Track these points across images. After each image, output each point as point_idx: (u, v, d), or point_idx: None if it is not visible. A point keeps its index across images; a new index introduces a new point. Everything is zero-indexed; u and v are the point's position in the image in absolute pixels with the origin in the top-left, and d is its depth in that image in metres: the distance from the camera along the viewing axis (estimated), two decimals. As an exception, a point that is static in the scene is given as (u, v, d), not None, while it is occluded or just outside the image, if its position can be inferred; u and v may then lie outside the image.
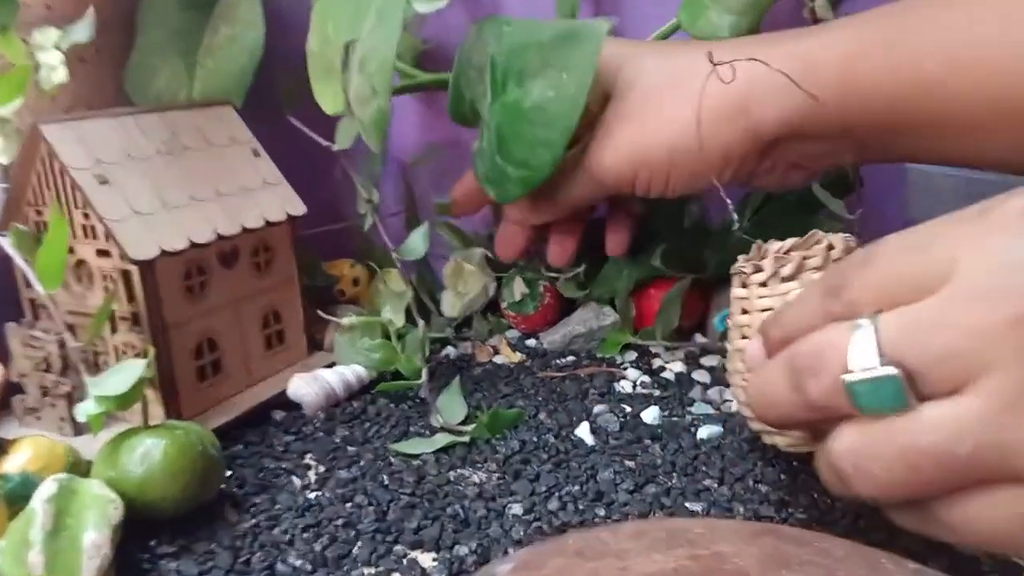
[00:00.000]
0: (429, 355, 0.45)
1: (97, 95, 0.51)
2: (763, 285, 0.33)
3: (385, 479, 0.37)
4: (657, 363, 0.48)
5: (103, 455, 0.32)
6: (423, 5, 0.50)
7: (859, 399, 0.23)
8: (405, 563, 0.31)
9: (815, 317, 0.25)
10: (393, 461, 0.38)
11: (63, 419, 0.39)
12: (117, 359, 0.39)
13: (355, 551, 0.32)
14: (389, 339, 0.46)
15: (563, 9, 0.50)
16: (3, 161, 0.39)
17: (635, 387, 0.45)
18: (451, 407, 0.42)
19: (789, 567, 0.22)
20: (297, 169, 0.49)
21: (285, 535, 0.33)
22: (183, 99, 0.51)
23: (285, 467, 0.38)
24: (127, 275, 0.38)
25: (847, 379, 0.23)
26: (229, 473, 0.38)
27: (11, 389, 0.41)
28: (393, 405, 0.44)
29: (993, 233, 0.22)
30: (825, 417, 0.24)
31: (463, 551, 0.31)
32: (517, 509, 0.34)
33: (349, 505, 0.35)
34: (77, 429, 0.39)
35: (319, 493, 0.36)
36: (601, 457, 0.38)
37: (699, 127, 0.37)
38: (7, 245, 0.37)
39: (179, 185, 0.41)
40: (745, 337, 0.34)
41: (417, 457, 0.38)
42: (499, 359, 0.50)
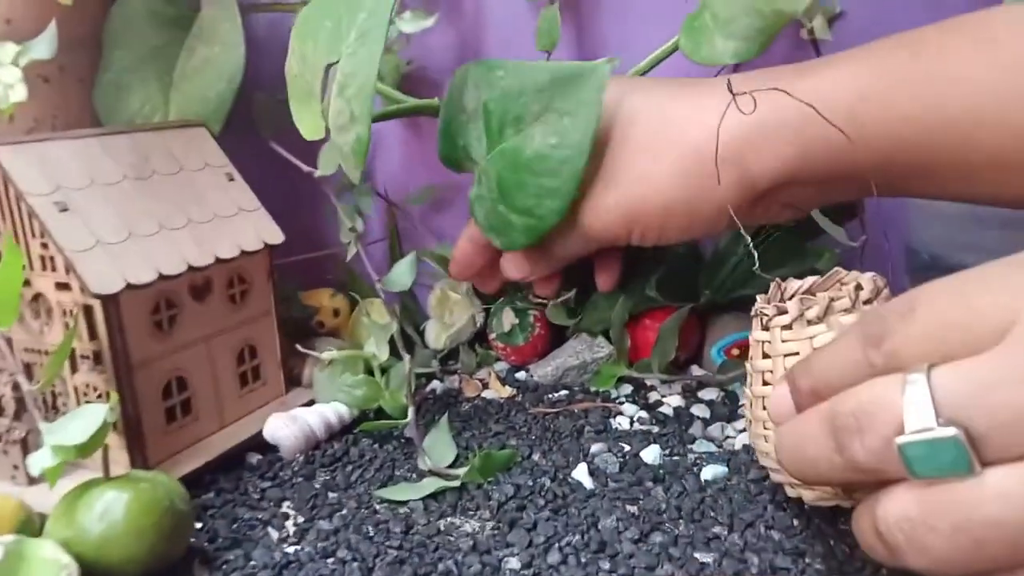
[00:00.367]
0: (415, 390, 0.43)
1: (61, 118, 0.48)
2: (787, 328, 0.31)
3: (370, 530, 0.34)
4: (654, 397, 0.46)
5: (58, 512, 0.29)
6: (409, 25, 0.49)
7: (913, 463, 0.21)
8: (394, 628, 0.28)
9: (853, 368, 0.23)
10: (378, 509, 0.36)
11: (16, 467, 0.36)
12: (78, 401, 0.36)
13: (338, 615, 0.29)
14: (372, 374, 0.44)
15: (543, 28, 0.48)
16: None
17: (632, 423, 0.43)
18: (439, 448, 0.40)
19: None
20: (275, 195, 0.46)
21: (261, 597, 0.30)
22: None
23: (261, 517, 0.35)
24: (88, 310, 0.35)
25: (900, 441, 0.21)
26: (199, 525, 0.35)
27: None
28: (377, 446, 0.41)
29: None
30: (868, 480, 0.22)
31: (457, 613, 0.29)
32: (514, 563, 0.31)
33: (331, 561, 0.32)
34: (32, 478, 0.36)
35: (298, 547, 0.33)
36: (601, 502, 0.35)
37: (690, 180, 0.36)
38: (-44, 278, 0.34)
39: (148, 213, 0.38)
40: (767, 383, 0.32)
41: (404, 504, 0.36)
42: (488, 394, 0.48)
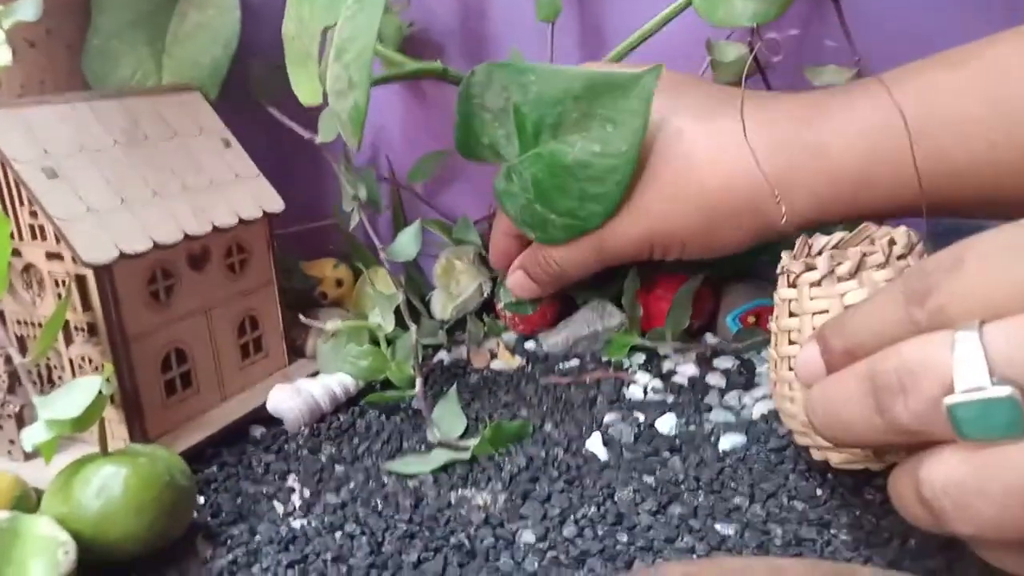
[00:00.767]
0: (422, 361, 0.42)
1: (49, 84, 0.46)
2: (816, 285, 0.29)
3: (378, 504, 0.33)
4: (667, 366, 0.45)
5: (54, 487, 0.28)
6: (410, -17, 0.47)
7: (963, 425, 0.20)
8: (405, 604, 0.27)
9: (893, 326, 0.22)
10: (387, 482, 0.34)
11: (12, 442, 0.35)
12: (74, 374, 0.35)
13: (347, 591, 0.28)
14: (377, 345, 0.42)
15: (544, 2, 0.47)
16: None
17: (646, 393, 0.42)
18: (449, 419, 0.39)
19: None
20: (274, 162, 0.45)
21: (266, 574, 0.29)
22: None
23: (265, 491, 0.34)
24: (81, 280, 0.33)
25: (949, 401, 0.20)
26: (202, 500, 0.34)
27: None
28: (384, 418, 0.40)
29: None
30: (911, 441, 0.21)
31: (470, 588, 0.28)
32: (529, 536, 0.30)
33: (339, 535, 0.31)
34: (28, 454, 0.35)
35: (304, 521, 0.32)
36: (617, 473, 0.34)
37: (713, 223, 0.38)
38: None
39: (141, 179, 0.37)
40: (793, 343, 0.30)
41: (413, 477, 0.35)
42: (497, 364, 0.46)
